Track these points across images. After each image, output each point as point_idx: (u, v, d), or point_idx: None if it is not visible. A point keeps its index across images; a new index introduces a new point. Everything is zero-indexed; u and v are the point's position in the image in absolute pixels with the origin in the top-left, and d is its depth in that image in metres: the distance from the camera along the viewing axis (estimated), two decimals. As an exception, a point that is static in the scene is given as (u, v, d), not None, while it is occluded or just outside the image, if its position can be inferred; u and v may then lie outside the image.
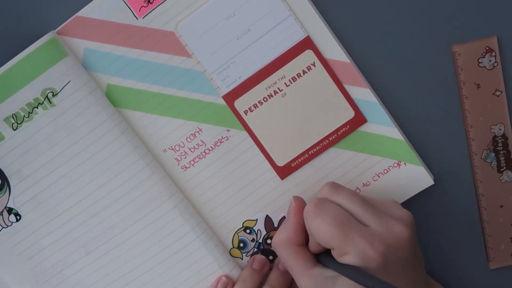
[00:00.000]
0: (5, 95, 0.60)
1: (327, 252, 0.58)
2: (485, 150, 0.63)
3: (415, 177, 0.62)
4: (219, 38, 0.61)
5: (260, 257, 0.63)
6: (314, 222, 0.56)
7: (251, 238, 0.63)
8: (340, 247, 0.55)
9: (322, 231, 0.55)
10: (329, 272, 0.57)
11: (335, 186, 0.58)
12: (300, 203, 0.59)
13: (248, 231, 0.63)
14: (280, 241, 0.59)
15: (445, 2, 0.62)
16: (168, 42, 0.61)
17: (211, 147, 0.62)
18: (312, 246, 0.58)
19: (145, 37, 0.61)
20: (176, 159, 0.62)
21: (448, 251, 0.63)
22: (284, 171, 0.62)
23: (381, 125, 0.62)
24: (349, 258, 0.55)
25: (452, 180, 0.63)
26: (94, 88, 0.60)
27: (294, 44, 0.61)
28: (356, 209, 0.56)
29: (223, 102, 0.61)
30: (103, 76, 0.61)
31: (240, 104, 0.61)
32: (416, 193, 0.62)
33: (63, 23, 0.60)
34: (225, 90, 0.61)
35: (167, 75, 0.61)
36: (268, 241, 0.63)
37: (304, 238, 0.59)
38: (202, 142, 0.62)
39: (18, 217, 0.61)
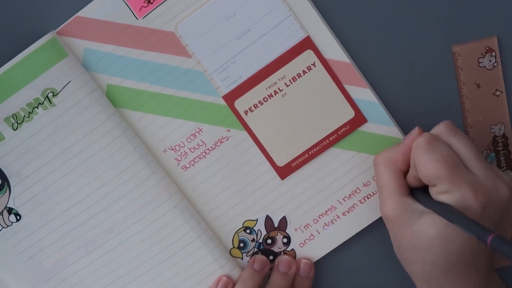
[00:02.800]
0: (5, 95, 0.59)
1: (422, 189, 0.57)
2: (485, 150, 0.63)
3: None
4: (219, 38, 0.60)
5: (260, 257, 0.62)
6: (423, 156, 0.55)
7: (251, 238, 0.63)
8: (443, 186, 0.54)
9: (429, 167, 0.55)
10: (418, 207, 0.56)
11: (452, 126, 0.57)
12: (421, 132, 0.58)
13: (248, 231, 0.63)
14: (385, 158, 0.58)
15: (445, 2, 0.61)
16: (168, 42, 0.60)
17: (211, 147, 0.62)
18: (410, 178, 0.58)
19: (145, 37, 0.60)
20: (176, 159, 0.62)
21: (448, 251, 0.63)
22: (284, 171, 0.62)
23: (381, 125, 0.62)
24: (448, 197, 0.54)
25: None
26: (94, 88, 0.60)
27: (294, 44, 0.61)
28: (468, 155, 0.56)
29: (223, 102, 0.61)
30: (103, 76, 0.61)
31: (240, 104, 0.61)
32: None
33: (63, 23, 0.60)
34: (225, 90, 0.61)
35: (167, 75, 0.61)
36: (269, 241, 0.63)
37: (408, 166, 0.58)
38: (202, 142, 0.62)
39: (18, 217, 0.61)
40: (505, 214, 0.56)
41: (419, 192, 0.57)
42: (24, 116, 0.60)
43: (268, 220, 0.63)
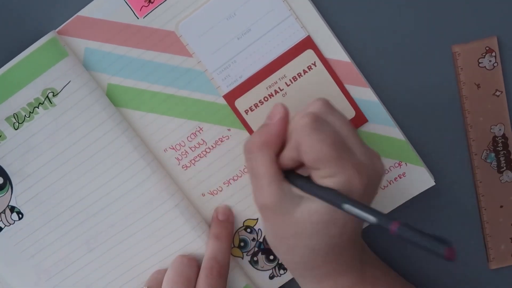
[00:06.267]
0: (6, 95, 0.59)
1: (298, 174, 0.54)
2: (485, 150, 0.62)
3: (416, 177, 0.61)
4: (219, 38, 0.59)
5: (221, 207, 0.60)
6: (310, 137, 0.51)
7: (252, 237, 0.62)
8: (329, 168, 0.51)
9: (317, 149, 0.51)
10: (296, 192, 0.53)
11: (329, 104, 0.53)
12: (287, 110, 0.54)
13: (248, 230, 0.62)
14: (259, 143, 0.53)
15: (445, 2, 0.60)
16: (169, 42, 0.59)
17: (211, 146, 0.61)
18: (285, 160, 0.53)
19: (146, 36, 0.59)
20: (177, 159, 0.61)
21: (448, 251, 0.62)
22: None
23: (382, 125, 0.60)
24: (334, 181, 0.51)
25: (452, 181, 0.62)
26: (95, 87, 0.59)
27: (294, 44, 0.59)
28: (348, 134, 0.52)
29: (223, 101, 0.60)
30: (104, 75, 0.60)
31: (241, 103, 0.60)
32: (417, 193, 0.61)
33: (63, 22, 0.59)
34: (226, 90, 0.60)
35: (168, 74, 0.60)
36: (269, 240, 0.62)
37: (281, 149, 0.54)
38: (203, 141, 0.61)
39: (20, 216, 0.60)
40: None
41: (297, 177, 0.53)
42: (25, 115, 0.59)
43: (269, 219, 0.61)
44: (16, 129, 0.59)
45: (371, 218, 0.48)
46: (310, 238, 0.52)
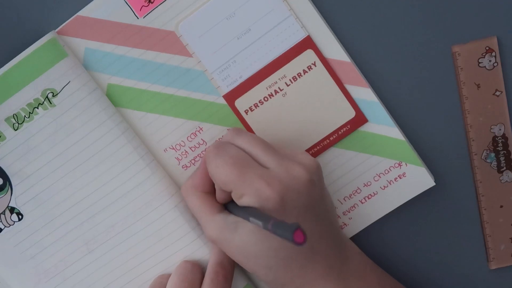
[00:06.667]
0: (5, 95, 0.58)
1: (232, 200, 0.56)
2: (485, 150, 0.61)
3: (416, 178, 0.60)
4: (219, 38, 0.59)
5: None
6: (213, 162, 0.54)
7: (252, 238, 0.61)
8: (237, 188, 0.53)
9: (221, 171, 0.53)
10: (232, 218, 0.55)
11: (237, 130, 0.56)
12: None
13: (248, 230, 0.61)
14: (187, 188, 0.57)
15: (445, 2, 0.60)
16: (169, 42, 0.59)
17: None
18: (218, 194, 0.56)
19: (145, 36, 0.59)
20: (177, 159, 0.60)
21: (448, 251, 0.62)
22: (284, 171, 0.60)
23: (382, 125, 0.60)
24: (246, 199, 0.53)
25: (452, 181, 0.62)
26: (95, 88, 0.59)
27: (294, 44, 0.59)
28: (257, 152, 0.54)
29: (223, 101, 0.60)
30: (104, 75, 0.59)
31: (241, 103, 0.60)
32: (417, 193, 0.61)
33: (63, 23, 0.59)
34: (226, 90, 0.60)
35: (168, 74, 0.59)
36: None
37: (211, 186, 0.57)
38: (203, 141, 0.60)
39: (20, 217, 0.60)
40: (323, 191, 0.55)
41: (228, 204, 0.56)
42: (25, 116, 0.58)
43: (268, 219, 0.61)
44: (15, 130, 0.58)
45: (259, 223, 0.49)
46: (258, 258, 0.54)
